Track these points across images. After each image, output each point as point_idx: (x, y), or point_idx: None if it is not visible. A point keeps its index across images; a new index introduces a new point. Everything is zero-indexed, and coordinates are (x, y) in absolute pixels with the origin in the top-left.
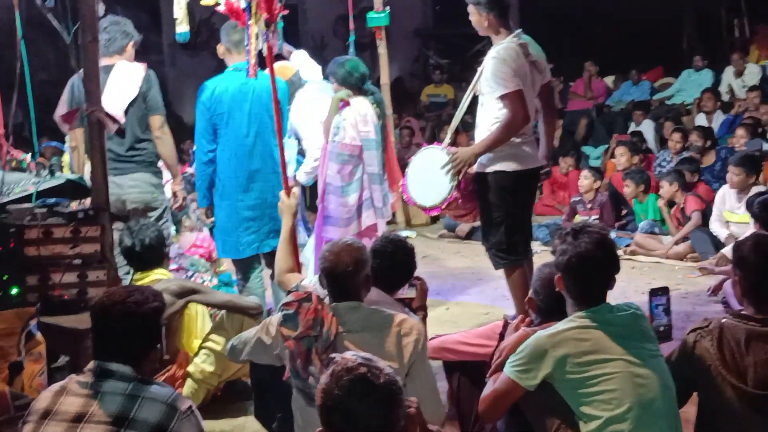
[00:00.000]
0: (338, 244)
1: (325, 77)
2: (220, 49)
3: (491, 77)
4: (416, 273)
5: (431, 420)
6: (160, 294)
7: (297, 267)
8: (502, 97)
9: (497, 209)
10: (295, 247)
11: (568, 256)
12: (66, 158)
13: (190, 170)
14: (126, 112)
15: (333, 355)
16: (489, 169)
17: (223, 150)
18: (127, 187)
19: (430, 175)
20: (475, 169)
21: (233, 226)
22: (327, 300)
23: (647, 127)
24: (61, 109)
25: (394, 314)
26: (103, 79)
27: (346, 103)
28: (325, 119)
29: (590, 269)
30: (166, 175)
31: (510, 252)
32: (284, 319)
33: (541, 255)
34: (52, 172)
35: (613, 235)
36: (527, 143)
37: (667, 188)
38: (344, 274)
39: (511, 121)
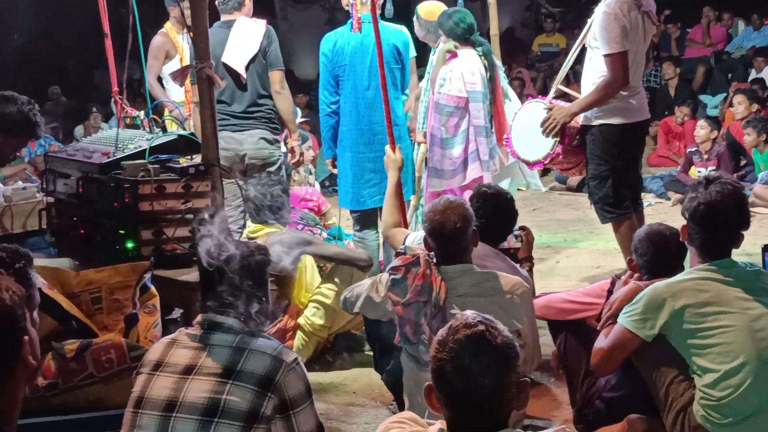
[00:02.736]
0: (440, 203)
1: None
2: (344, 0)
3: (599, 33)
4: (527, 225)
5: (525, 365)
6: (265, 248)
7: (403, 222)
8: (606, 56)
9: (604, 163)
10: (401, 202)
11: (697, 203)
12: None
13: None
14: (247, 68)
15: (453, 311)
16: (595, 122)
17: (345, 102)
18: (246, 143)
19: (533, 129)
20: (581, 122)
21: (355, 178)
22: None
23: None
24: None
25: (505, 278)
26: (224, 34)
27: (454, 55)
28: (432, 71)
29: (717, 219)
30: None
31: (617, 206)
32: (392, 284)
33: (656, 207)
34: (164, 129)
35: None
36: (634, 95)
37: None
38: (453, 232)
39: (611, 82)
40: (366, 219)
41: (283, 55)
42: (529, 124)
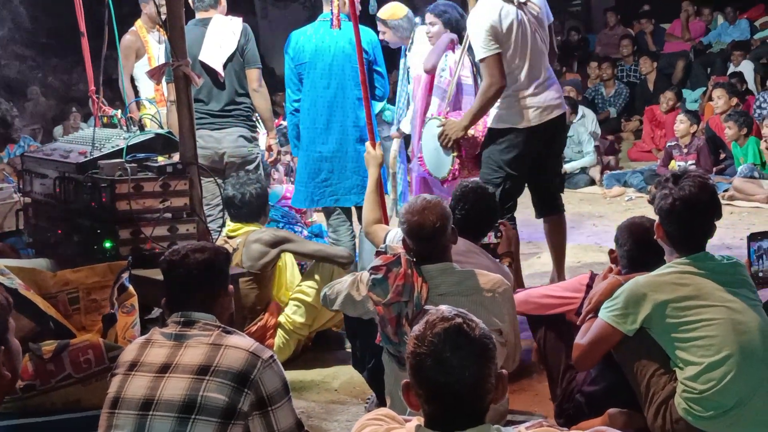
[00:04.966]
0: (417, 203)
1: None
2: None
3: (472, 41)
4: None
5: (507, 362)
6: (221, 247)
7: (385, 218)
8: (480, 61)
9: (498, 170)
10: (382, 198)
11: (672, 199)
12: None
13: (284, 123)
14: (224, 66)
15: (427, 307)
16: (499, 126)
17: (305, 100)
18: (224, 141)
19: (435, 147)
20: (489, 124)
21: (308, 176)
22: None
23: (747, 68)
24: None
25: (485, 276)
26: (200, 32)
27: (450, 47)
28: (428, 57)
29: (694, 213)
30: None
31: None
32: (373, 284)
33: (636, 201)
34: (141, 127)
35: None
36: (540, 93)
37: None
38: (432, 232)
39: (488, 86)
40: (334, 219)
41: (263, 54)
42: (431, 142)
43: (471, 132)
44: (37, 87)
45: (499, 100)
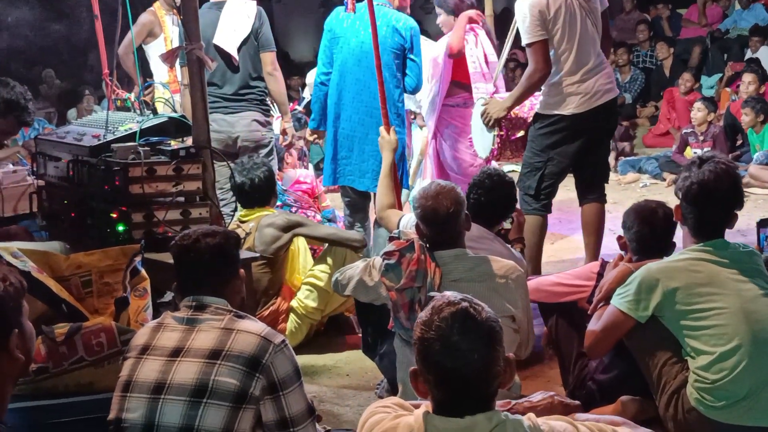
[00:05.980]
0: (431, 189)
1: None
2: None
3: (519, 26)
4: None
5: (520, 349)
6: (231, 231)
7: (398, 203)
8: (526, 46)
9: (541, 153)
10: (396, 183)
11: (690, 182)
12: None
13: (298, 108)
14: (239, 49)
15: (432, 294)
16: (545, 112)
17: (334, 74)
18: (238, 125)
19: (481, 126)
20: (537, 110)
21: (332, 153)
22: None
23: (765, 54)
24: None
25: (498, 262)
26: (215, 15)
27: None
28: (459, 36)
29: (710, 200)
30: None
31: (536, 199)
32: (386, 269)
33: (651, 188)
34: (155, 111)
35: None
36: (587, 80)
37: None
38: (446, 217)
39: (532, 72)
40: (350, 201)
41: (277, 37)
42: (477, 122)
43: (516, 112)
44: (52, 70)
45: (546, 87)
